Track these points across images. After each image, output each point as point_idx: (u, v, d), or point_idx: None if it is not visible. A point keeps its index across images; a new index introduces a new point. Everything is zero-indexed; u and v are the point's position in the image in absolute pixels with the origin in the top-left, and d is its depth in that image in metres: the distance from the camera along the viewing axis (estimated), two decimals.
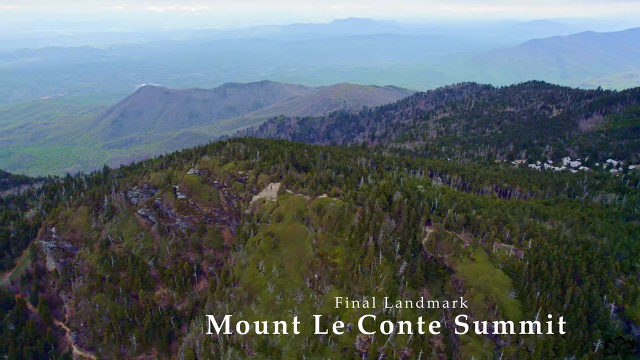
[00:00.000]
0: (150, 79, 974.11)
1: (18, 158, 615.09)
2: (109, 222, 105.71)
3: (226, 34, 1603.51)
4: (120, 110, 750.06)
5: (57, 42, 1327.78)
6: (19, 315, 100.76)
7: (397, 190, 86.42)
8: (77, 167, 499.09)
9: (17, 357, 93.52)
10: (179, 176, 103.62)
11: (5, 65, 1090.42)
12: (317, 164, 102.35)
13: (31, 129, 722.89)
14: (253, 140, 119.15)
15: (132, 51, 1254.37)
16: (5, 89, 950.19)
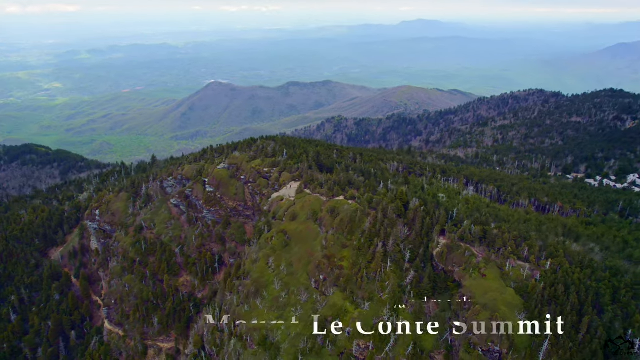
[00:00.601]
0: (220, 75, 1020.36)
1: (99, 145, 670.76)
2: (145, 209, 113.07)
3: (294, 33, 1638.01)
4: (189, 104, 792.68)
5: (139, 40, 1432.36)
6: (64, 287, 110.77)
7: (415, 197, 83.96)
8: (147, 156, 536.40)
9: (58, 324, 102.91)
10: (209, 170, 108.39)
11: (96, 60, 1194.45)
12: (342, 165, 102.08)
13: (111, 119, 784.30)
14: (283, 139, 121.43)
15: (205, 49, 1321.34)
16: (94, 82, 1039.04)
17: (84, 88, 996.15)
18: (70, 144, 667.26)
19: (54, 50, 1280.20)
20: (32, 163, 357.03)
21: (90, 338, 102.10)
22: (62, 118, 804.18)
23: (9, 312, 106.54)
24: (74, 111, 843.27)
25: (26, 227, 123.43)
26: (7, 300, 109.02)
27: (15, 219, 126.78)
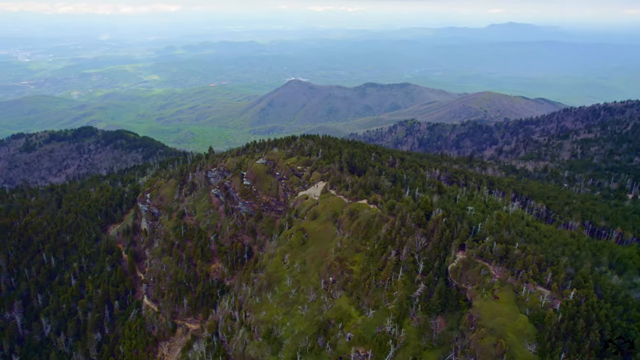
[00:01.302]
0: (300, 73, 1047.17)
1: (184, 134, 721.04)
2: (189, 196, 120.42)
3: (377, 34, 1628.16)
4: (268, 100, 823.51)
5: (229, 37, 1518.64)
6: (115, 261, 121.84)
7: (440, 207, 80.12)
8: (225, 147, 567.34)
9: (105, 293, 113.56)
10: (248, 164, 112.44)
11: (190, 55, 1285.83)
12: (375, 168, 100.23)
13: (197, 110, 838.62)
14: (322, 138, 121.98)
15: (288, 47, 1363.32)
16: (186, 76, 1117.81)
17: (176, 81, 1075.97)
18: (160, 131, 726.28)
19: (155, 46, 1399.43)
20: (121, 147, 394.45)
21: (130, 309, 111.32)
22: (155, 108, 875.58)
23: (70, 277, 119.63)
24: (166, 102, 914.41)
25: (92, 204, 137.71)
26: (70, 267, 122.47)
27: (85, 196, 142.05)
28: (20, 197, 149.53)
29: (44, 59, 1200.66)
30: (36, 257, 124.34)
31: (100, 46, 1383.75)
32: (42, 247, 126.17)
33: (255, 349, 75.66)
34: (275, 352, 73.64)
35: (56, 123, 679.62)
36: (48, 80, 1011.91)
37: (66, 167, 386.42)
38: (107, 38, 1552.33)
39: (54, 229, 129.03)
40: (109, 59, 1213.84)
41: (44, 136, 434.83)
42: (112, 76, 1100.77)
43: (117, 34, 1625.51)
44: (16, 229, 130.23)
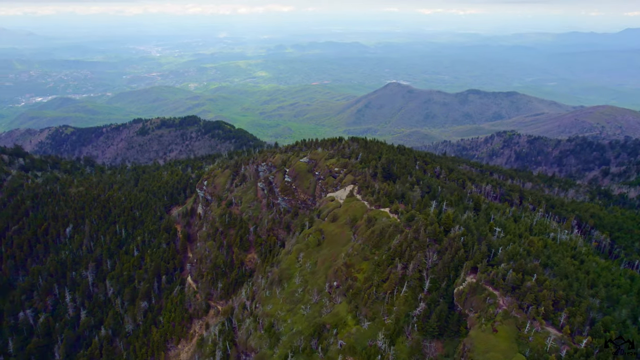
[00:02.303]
0: (401, 76, 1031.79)
1: (281, 129, 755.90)
2: (239, 187, 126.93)
3: (488, 39, 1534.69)
4: (365, 102, 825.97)
5: (335, 38, 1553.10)
6: (170, 239, 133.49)
7: (461, 224, 74.22)
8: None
9: (157, 267, 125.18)
10: (292, 161, 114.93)
11: (297, 54, 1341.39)
12: (412, 177, 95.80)
13: (297, 107, 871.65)
14: (366, 141, 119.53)
15: (393, 49, 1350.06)
16: (290, 73, 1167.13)
17: (282, 78, 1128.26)
18: (260, 125, 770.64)
19: (266, 44, 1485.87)
20: (217, 137, 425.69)
21: (175, 285, 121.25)
22: (259, 102, 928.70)
23: (134, 248, 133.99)
24: (269, 97, 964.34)
25: (162, 186, 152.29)
26: (135, 239, 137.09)
27: (158, 177, 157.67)
28: (111, 174, 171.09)
29: (171, 54, 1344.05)
30: (111, 227, 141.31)
31: (218, 43, 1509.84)
32: (117, 219, 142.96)
33: (257, 339, 77.91)
34: (272, 346, 75.13)
35: (173, 111, 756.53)
36: (172, 72, 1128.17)
37: (170, 151, 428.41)
38: (224, 36, 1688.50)
39: (128, 205, 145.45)
40: (224, 55, 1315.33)
41: (156, 122, 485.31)
42: (226, 71, 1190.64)
43: (233, 33, 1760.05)
44: (101, 200, 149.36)
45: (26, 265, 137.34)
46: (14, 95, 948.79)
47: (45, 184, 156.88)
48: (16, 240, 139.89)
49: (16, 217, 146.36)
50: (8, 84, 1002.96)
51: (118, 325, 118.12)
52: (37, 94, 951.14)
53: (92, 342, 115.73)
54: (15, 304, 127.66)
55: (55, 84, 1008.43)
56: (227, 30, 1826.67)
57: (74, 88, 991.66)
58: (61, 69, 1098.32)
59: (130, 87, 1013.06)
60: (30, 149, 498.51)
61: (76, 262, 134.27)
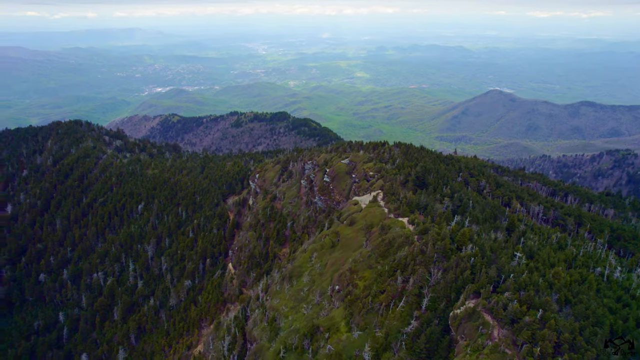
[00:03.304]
0: (506, 83, 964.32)
1: (372, 131, 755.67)
2: (285, 183, 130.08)
3: (614, 45, 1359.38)
4: (462, 109, 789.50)
5: (438, 41, 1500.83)
6: (221, 225, 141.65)
7: (475, 244, 68.05)
8: None
9: (204, 250, 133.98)
10: (334, 162, 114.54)
11: (398, 57, 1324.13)
12: (447, 188, 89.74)
13: (391, 110, 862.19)
14: (407, 147, 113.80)
15: (499, 55, 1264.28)
16: (388, 75, 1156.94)
17: (379, 80, 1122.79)
18: (352, 125, 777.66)
19: (367, 45, 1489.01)
20: (303, 134, 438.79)
21: (217, 269, 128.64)
22: (354, 103, 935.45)
23: (190, 230, 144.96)
24: (365, 98, 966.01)
25: (224, 175, 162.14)
26: (192, 222, 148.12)
27: (221, 167, 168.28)
28: (185, 160, 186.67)
29: (276, 52, 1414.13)
30: (175, 208, 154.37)
31: (321, 43, 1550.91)
32: (181, 201, 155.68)
33: (259, 331, 79.91)
34: (271, 340, 76.48)
35: (272, 106, 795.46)
36: (275, 70, 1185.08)
37: (259, 144, 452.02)
38: (327, 36, 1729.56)
39: (191, 189, 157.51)
40: (325, 55, 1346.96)
41: (250, 116, 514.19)
42: (326, 70, 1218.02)
43: (336, 33, 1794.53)
44: (170, 183, 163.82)
45: (105, 234, 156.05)
46: (140, 85, 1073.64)
47: (129, 164, 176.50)
48: (100, 211, 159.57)
49: (103, 191, 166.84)
50: (137, 76, 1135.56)
51: (165, 299, 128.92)
52: (158, 84, 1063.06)
53: (141, 309, 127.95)
54: (92, 266, 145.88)
55: (173, 76, 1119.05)
56: (331, 31, 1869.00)
57: (188, 80, 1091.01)
58: (179, 63, 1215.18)
59: (236, 81, 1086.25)
60: (143, 133, 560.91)
61: (142, 237, 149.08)
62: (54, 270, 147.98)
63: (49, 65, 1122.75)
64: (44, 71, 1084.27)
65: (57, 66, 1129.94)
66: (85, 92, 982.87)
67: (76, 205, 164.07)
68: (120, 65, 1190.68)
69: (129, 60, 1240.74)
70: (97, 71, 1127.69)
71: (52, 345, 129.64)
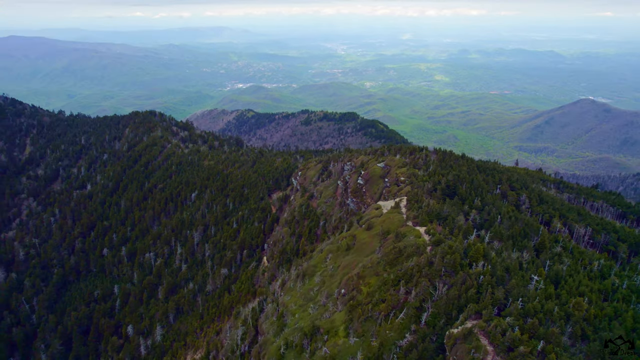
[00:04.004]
0: (600, 92, 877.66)
1: (446, 136, 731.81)
2: (324, 182, 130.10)
3: None
4: (546, 118, 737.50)
5: (526, 45, 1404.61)
6: (262, 219, 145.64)
7: (490, 262, 63.20)
8: (482, 157, 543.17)
9: (243, 242, 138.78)
10: (370, 164, 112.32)
11: (481, 61, 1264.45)
12: (477, 200, 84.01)
13: (468, 115, 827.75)
14: (447, 154, 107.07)
15: (597, 61, 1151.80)
16: (468, 80, 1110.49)
17: (458, 84, 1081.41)
18: (425, 129, 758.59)
19: (449, 48, 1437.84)
20: (369, 135, 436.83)
21: (252, 260, 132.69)
22: (429, 106, 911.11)
23: (234, 221, 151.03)
24: (441, 102, 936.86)
25: (272, 170, 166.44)
26: (237, 214, 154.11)
27: (271, 162, 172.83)
28: (237, 154, 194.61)
29: (355, 53, 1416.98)
30: (223, 199, 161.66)
31: (400, 45, 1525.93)
32: (230, 193, 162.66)
33: (268, 325, 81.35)
34: (276, 335, 77.53)
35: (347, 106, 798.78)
36: (352, 70, 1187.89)
37: (326, 143, 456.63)
38: (407, 37, 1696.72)
39: (241, 182, 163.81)
40: (404, 57, 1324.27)
41: (319, 115, 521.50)
42: (404, 72, 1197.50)
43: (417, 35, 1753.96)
44: (222, 175, 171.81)
45: (160, 218, 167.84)
46: (224, 80, 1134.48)
47: (189, 154, 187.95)
48: (158, 196, 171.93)
49: (163, 178, 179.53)
50: (222, 72, 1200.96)
51: (203, 284, 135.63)
52: (240, 81, 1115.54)
53: (181, 291, 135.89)
54: (146, 246, 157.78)
55: (254, 73, 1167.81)
56: (411, 32, 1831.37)
57: (267, 78, 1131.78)
58: (261, 61, 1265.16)
59: (313, 80, 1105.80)
60: (220, 126, 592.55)
61: (192, 223, 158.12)
62: (115, 246, 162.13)
63: (145, 61, 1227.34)
64: (142, 66, 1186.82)
65: (153, 61, 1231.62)
66: (175, 85, 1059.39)
67: (139, 189, 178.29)
68: (207, 61, 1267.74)
69: (215, 57, 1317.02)
70: (186, 66, 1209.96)
71: (106, 314, 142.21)
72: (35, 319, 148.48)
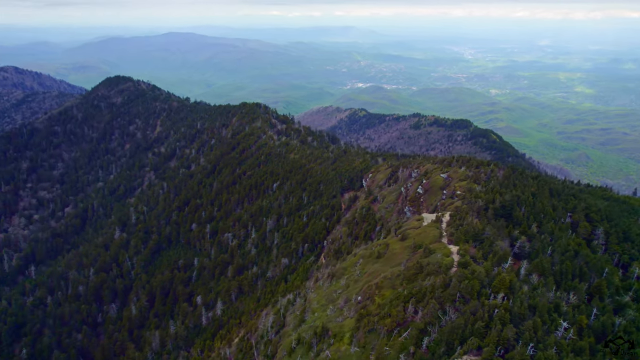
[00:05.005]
0: None
1: (576, 155, 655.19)
2: (390, 187, 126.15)
3: None
4: None
5: None
6: (330, 216, 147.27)
7: (517, 297, 55.84)
8: (621, 182, 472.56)
9: (307, 236, 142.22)
10: (433, 174, 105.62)
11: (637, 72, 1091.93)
12: (532, 227, 73.89)
13: (609, 134, 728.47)
14: (514, 172, 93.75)
15: None
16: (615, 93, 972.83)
17: (602, 97, 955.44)
18: (552, 145, 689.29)
19: (595, 56, 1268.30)
20: (479, 145, 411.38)
21: (310, 255, 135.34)
22: (561, 121, 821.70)
23: (304, 215, 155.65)
24: (576, 117, 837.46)
25: (350, 170, 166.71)
26: (309, 209, 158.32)
27: (350, 162, 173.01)
28: (320, 150, 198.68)
29: (483, 58, 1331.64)
30: (300, 192, 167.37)
31: (536, 51, 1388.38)
32: (307, 187, 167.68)
33: (292, 318, 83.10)
34: (294, 329, 78.89)
35: (466, 113, 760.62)
36: (477, 76, 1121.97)
37: (432, 149, 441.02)
38: (545, 43, 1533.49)
39: (318, 178, 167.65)
40: (540, 65, 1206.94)
41: (430, 119, 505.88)
42: (536, 81, 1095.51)
43: (557, 40, 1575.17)
44: (304, 169, 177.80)
45: (243, 202, 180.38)
46: (345, 79, 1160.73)
47: (278, 146, 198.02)
48: (245, 183, 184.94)
49: (252, 166, 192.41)
50: (344, 70, 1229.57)
51: (265, 270, 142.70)
52: (360, 80, 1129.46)
53: (246, 273, 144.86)
54: (226, 227, 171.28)
55: (375, 74, 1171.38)
56: (551, 38, 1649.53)
57: (387, 79, 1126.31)
58: (383, 62, 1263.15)
59: (434, 84, 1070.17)
60: (332, 123, 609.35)
61: (268, 211, 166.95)
62: (202, 223, 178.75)
63: (276, 57, 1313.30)
64: (271, 61, 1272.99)
65: (282, 57, 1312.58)
66: (299, 81, 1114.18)
67: (231, 173, 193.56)
68: (331, 59, 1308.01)
69: (339, 55, 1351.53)
70: (311, 64, 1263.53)
71: (183, 282, 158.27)
72: (133, 275, 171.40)
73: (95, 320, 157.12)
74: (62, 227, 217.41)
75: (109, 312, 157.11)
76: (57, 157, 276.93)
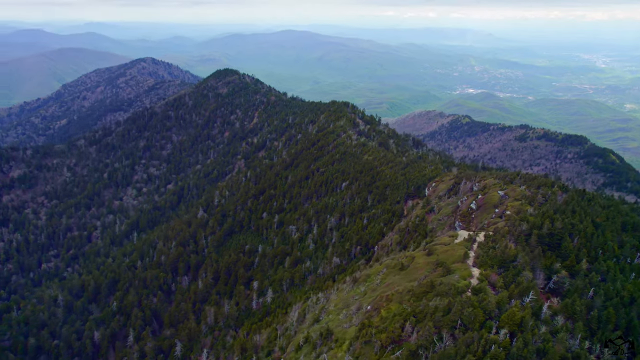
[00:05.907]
0: None
1: None
2: (449, 199, 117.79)
3: None
4: None
5: None
6: (388, 221, 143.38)
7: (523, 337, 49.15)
8: None
9: (361, 238, 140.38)
10: (490, 190, 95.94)
11: None
12: (582, 263, 63.42)
13: None
14: (576, 198, 78.82)
15: None
16: None
17: None
18: None
19: None
20: (592, 165, 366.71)
21: (361, 258, 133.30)
22: None
23: (365, 217, 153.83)
24: None
25: (418, 177, 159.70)
26: (371, 212, 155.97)
27: (421, 169, 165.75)
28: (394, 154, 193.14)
29: (620, 67, 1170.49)
30: (366, 194, 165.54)
31: None
32: (373, 189, 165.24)
33: (310, 316, 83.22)
34: (308, 327, 79.00)
35: (588, 130, 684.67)
36: (609, 88, 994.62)
37: (536, 165, 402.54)
38: None
39: (385, 182, 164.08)
40: None
41: (539, 132, 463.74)
42: None
43: None
44: (375, 171, 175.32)
45: (312, 198, 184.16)
46: (454, 84, 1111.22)
47: (354, 147, 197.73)
48: (316, 179, 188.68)
49: (326, 163, 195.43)
50: (455, 74, 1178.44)
51: (318, 266, 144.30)
52: (471, 86, 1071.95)
53: (299, 266, 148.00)
54: (292, 220, 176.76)
55: (488, 80, 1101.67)
56: None
57: (502, 86, 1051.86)
58: (498, 68, 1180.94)
59: (555, 95, 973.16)
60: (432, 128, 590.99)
61: (333, 209, 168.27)
62: (272, 213, 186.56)
63: (386, 57, 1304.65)
64: (380, 61, 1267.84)
65: (391, 58, 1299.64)
66: (406, 82, 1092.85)
67: (306, 168, 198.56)
68: (442, 62, 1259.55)
69: (452, 59, 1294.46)
70: (420, 66, 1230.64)
71: (246, 266, 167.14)
72: (205, 252, 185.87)
73: (170, 287, 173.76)
74: (162, 202, 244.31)
75: (181, 282, 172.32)
76: (168, 139, 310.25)
